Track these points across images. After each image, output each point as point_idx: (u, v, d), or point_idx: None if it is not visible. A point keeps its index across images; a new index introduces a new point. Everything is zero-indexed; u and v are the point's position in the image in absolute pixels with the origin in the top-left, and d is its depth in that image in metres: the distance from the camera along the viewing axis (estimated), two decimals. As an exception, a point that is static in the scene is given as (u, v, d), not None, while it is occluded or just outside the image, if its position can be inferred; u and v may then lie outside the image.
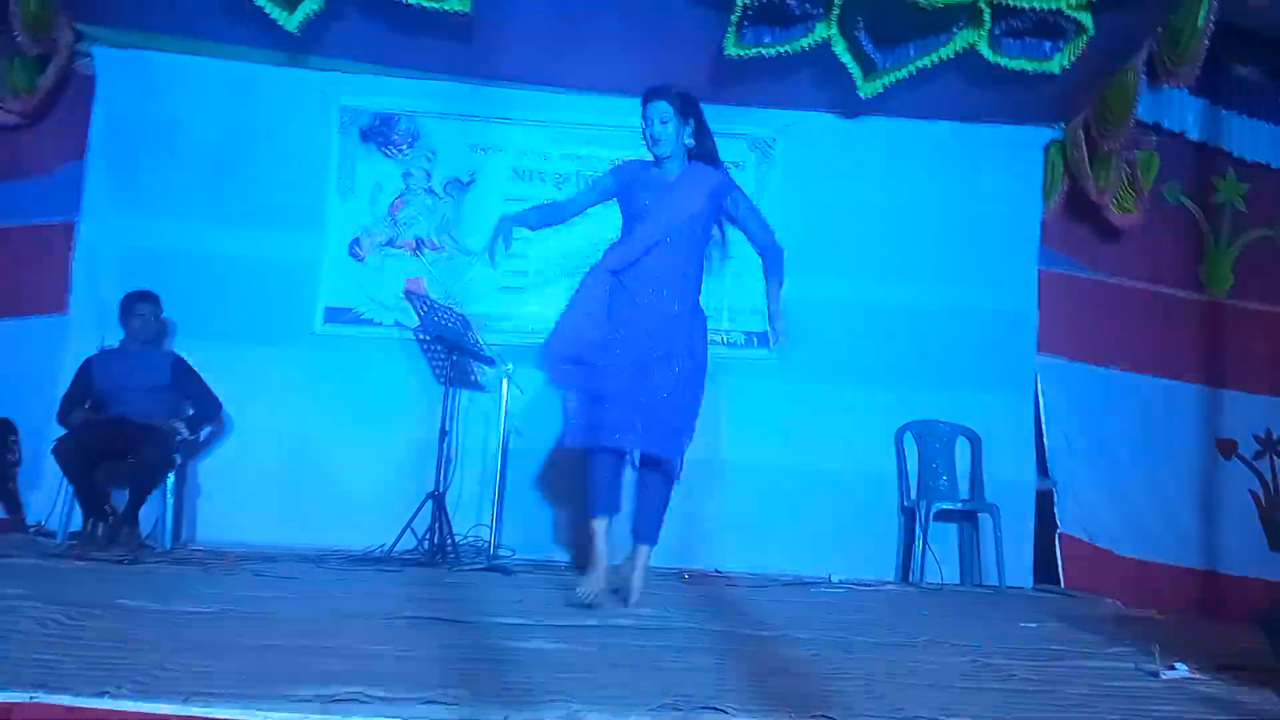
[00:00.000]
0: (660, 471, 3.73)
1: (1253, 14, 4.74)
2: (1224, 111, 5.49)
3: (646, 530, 3.79)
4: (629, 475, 3.86)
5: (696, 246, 3.75)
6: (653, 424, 3.58)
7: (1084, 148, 5.58)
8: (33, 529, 5.15)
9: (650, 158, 3.81)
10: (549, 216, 3.96)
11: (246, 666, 2.31)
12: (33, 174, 5.55)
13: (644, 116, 3.71)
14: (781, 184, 5.85)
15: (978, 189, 5.83)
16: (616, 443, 3.61)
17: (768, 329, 3.88)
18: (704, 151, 3.79)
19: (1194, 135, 5.57)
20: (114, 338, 5.16)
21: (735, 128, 5.78)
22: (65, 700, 1.90)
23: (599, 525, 3.70)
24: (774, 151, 5.87)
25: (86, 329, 5.34)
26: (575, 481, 4.19)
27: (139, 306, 5.09)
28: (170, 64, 5.55)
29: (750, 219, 3.81)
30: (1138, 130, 5.46)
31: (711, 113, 5.58)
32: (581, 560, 5.02)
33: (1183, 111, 5.56)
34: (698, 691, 2.26)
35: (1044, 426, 5.82)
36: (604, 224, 4.18)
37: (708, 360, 3.83)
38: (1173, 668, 2.90)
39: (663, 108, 3.66)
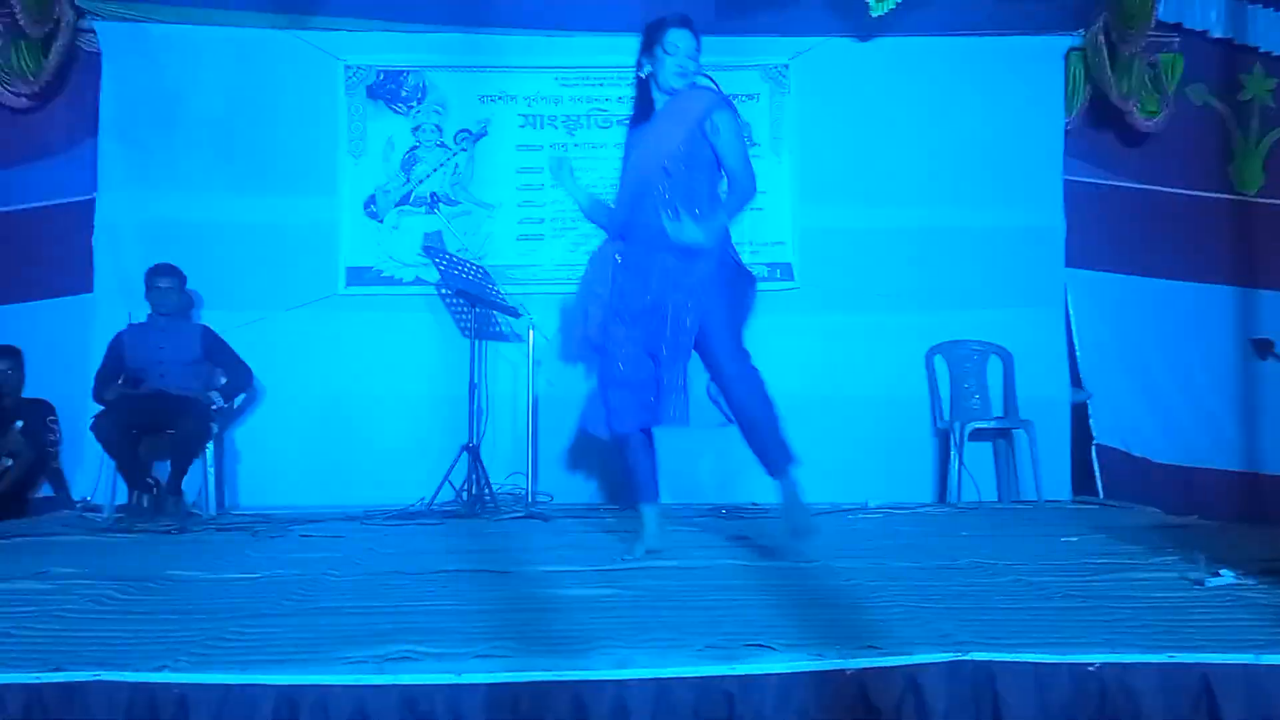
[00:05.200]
0: (737, 405, 3.46)
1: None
2: (1249, 6, 5.34)
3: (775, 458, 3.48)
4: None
5: (685, 184, 3.33)
6: (668, 394, 3.33)
7: (1105, 54, 5.47)
8: (79, 504, 5.26)
9: (630, 113, 3.52)
10: (598, 213, 3.63)
11: (300, 631, 2.35)
12: (48, 154, 5.57)
13: (672, 45, 3.28)
14: (797, 112, 5.77)
15: (998, 103, 5.71)
16: (631, 426, 3.44)
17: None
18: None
19: (1217, 33, 5.44)
20: (140, 313, 5.20)
21: (747, 59, 5.70)
22: (127, 677, 1.94)
23: (648, 510, 3.53)
24: (788, 80, 5.77)
25: (113, 305, 5.38)
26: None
27: (161, 280, 5.12)
28: (173, 35, 5.53)
29: (728, 149, 3.33)
30: (1159, 32, 5.35)
31: (721, 44, 5.55)
32: (614, 496, 5.08)
33: (1205, 9, 5.42)
34: (743, 629, 2.27)
35: (1075, 339, 5.76)
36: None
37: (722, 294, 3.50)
38: (1218, 574, 2.89)
39: (695, 42, 3.32)
